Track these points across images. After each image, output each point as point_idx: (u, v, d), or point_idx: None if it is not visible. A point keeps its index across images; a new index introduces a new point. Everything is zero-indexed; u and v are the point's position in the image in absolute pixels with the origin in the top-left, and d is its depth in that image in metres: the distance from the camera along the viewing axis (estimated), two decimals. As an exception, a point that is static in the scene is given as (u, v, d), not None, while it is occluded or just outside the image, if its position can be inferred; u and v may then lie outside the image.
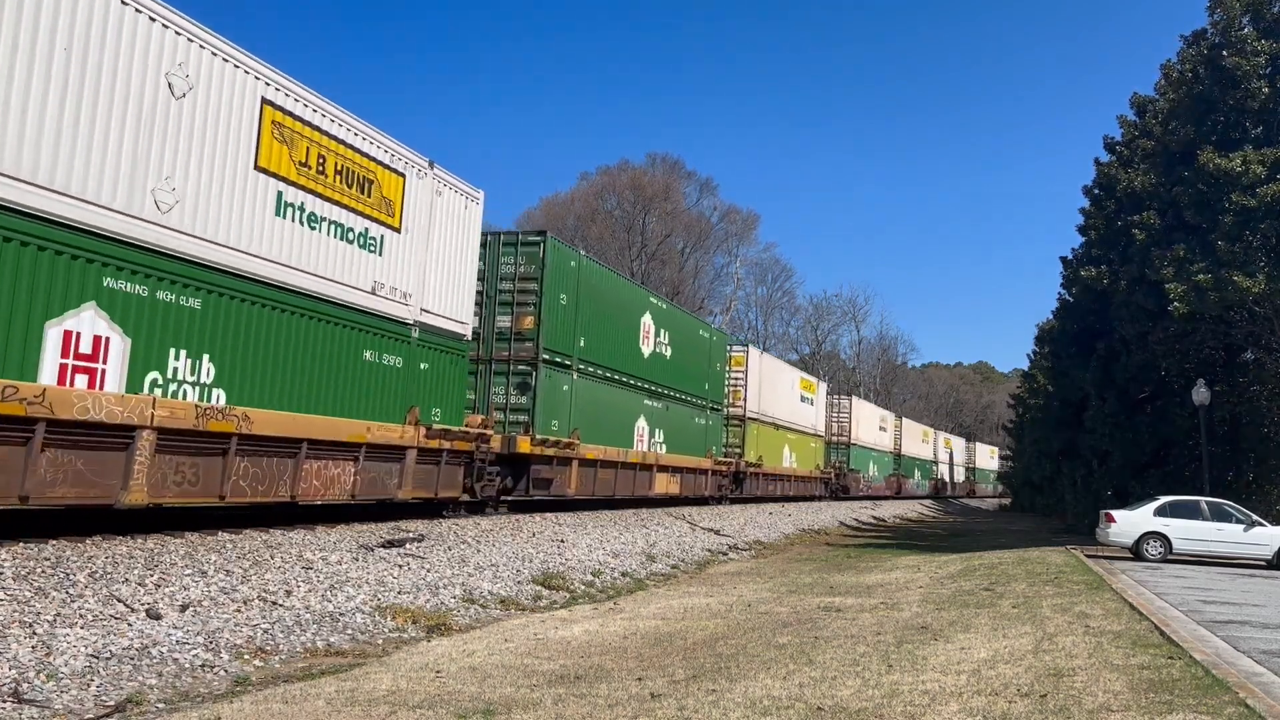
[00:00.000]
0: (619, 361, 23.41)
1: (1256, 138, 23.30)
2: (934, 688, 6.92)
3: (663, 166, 72.73)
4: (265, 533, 12.40)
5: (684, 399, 27.95)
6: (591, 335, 21.76)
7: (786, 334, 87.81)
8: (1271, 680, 7.46)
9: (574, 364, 20.86)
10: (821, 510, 38.75)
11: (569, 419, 20.60)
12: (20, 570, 8.43)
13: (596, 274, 22.69)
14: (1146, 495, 23.42)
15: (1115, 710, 6.18)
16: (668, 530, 22.07)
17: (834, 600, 12.78)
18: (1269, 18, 23.70)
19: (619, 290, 24.05)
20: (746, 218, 77.06)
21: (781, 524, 30.00)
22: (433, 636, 9.78)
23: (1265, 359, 26.36)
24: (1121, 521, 20.93)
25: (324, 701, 6.59)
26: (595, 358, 21.99)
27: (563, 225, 62.67)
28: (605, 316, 22.57)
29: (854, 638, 9.37)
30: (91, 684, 6.80)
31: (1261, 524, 20.40)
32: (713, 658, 8.38)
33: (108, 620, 7.89)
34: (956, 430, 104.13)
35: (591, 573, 15.20)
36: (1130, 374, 28.65)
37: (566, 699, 6.75)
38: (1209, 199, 23.07)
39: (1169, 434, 28.12)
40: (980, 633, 9.50)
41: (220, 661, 7.82)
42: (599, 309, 22.18)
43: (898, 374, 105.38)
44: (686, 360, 28.12)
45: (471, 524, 16.47)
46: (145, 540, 10.66)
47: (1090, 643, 8.74)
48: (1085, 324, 32.75)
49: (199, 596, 9.02)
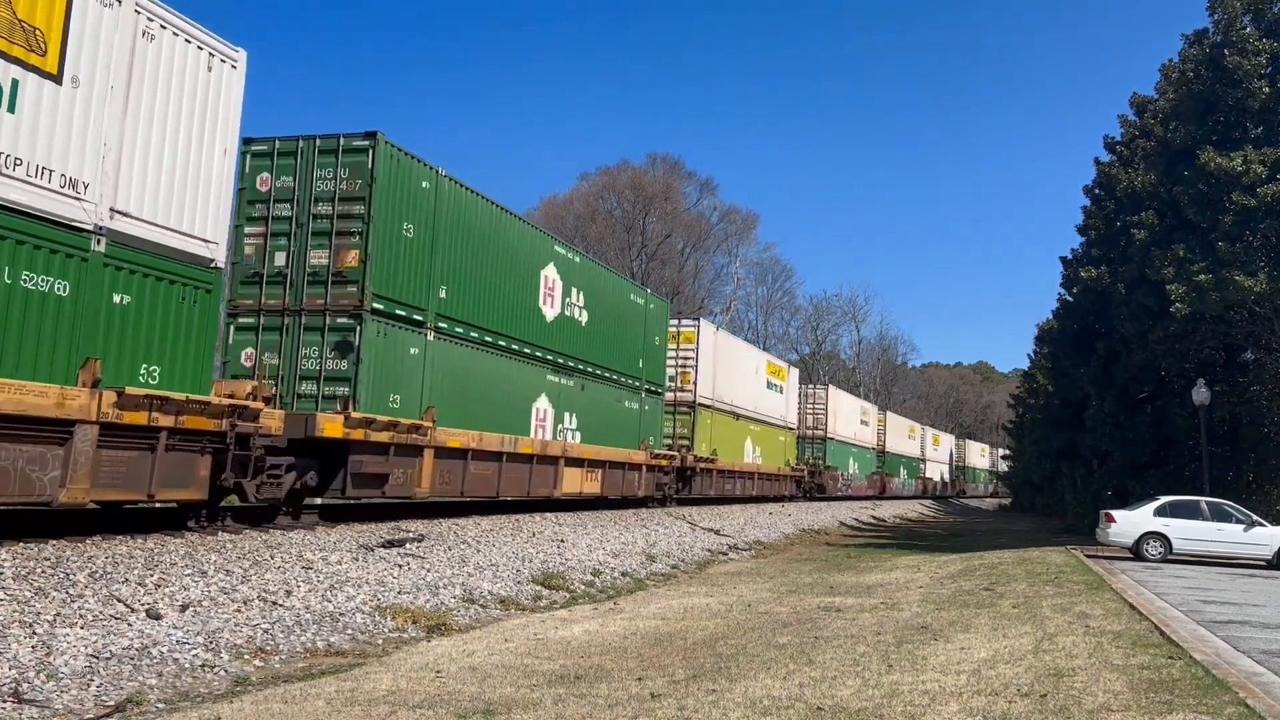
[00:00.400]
0: (507, 323, 18.37)
1: (1257, 137, 23.30)
2: (934, 688, 6.92)
3: (663, 166, 72.78)
4: (265, 532, 12.40)
5: (609, 377, 23.14)
6: (460, 284, 16.72)
7: (786, 334, 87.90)
8: (1271, 680, 7.45)
9: (429, 320, 15.89)
10: (821, 510, 38.72)
11: (421, 394, 15.64)
12: (20, 570, 8.42)
13: (468, 203, 16.99)
14: (1146, 495, 23.41)
15: (1115, 710, 6.18)
16: (668, 530, 22.07)
17: (834, 600, 12.78)
18: (1270, 17, 23.69)
19: (506, 230, 18.38)
20: (746, 218, 77.11)
21: (781, 524, 30.00)
22: (433, 636, 9.78)
23: (1265, 359, 26.36)
24: (1121, 521, 20.93)
25: (324, 701, 6.59)
26: (466, 314, 16.97)
27: (563, 225, 62.66)
28: (484, 262, 17.48)
29: (854, 638, 9.37)
30: (91, 684, 6.80)
31: (1261, 524, 20.40)
32: (713, 658, 8.38)
33: (108, 620, 7.89)
34: (957, 430, 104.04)
35: (591, 572, 15.20)
36: (1130, 374, 28.65)
37: (566, 699, 6.75)
38: (1209, 199, 23.07)
39: (1169, 434, 28.12)
40: (980, 633, 9.50)
41: (220, 661, 7.82)
42: (473, 251, 17.13)
43: (898, 374, 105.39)
44: (612, 330, 23.24)
45: (471, 524, 16.46)
46: (145, 540, 10.66)
47: (1090, 643, 8.74)
48: (1085, 324, 32.76)
49: (199, 596, 9.02)
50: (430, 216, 15.90)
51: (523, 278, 19.10)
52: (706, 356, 30.28)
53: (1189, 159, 23.91)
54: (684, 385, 29.08)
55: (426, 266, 15.85)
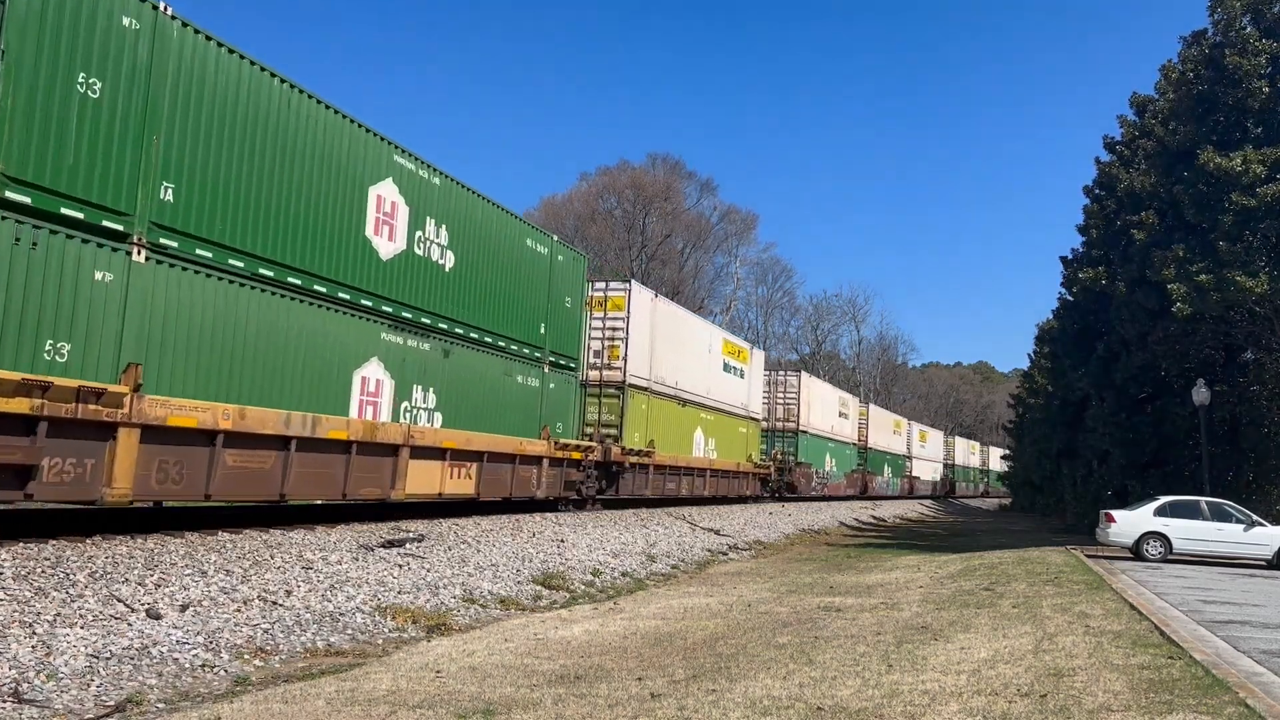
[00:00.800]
0: (305, 253, 13.04)
1: (1257, 138, 23.29)
2: (934, 688, 6.92)
3: (663, 166, 72.85)
4: (265, 532, 12.40)
5: (492, 344, 17.70)
6: (209, 186, 11.47)
7: (786, 334, 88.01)
8: (1271, 680, 7.45)
9: (136, 231, 10.53)
10: (821, 510, 38.70)
11: (118, 344, 10.32)
12: (20, 570, 8.42)
13: (224, 69, 11.72)
14: (1146, 495, 23.41)
15: (1115, 710, 6.18)
16: (668, 530, 22.06)
17: (834, 600, 12.77)
18: (1269, 17, 23.69)
19: (302, 120, 13.05)
20: (746, 218, 77.18)
21: (781, 524, 30.00)
22: (433, 636, 9.78)
23: (1265, 359, 26.35)
24: (1121, 521, 20.92)
25: (324, 701, 6.59)
26: (221, 232, 11.61)
27: (563, 225, 62.67)
28: (257, 159, 12.24)
29: (854, 638, 9.37)
30: (91, 684, 6.80)
31: (1261, 524, 20.40)
32: (713, 657, 8.38)
33: (108, 620, 7.89)
34: (957, 430, 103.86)
35: (591, 572, 15.20)
36: (1130, 374, 28.64)
37: (566, 699, 6.75)
38: (1209, 199, 23.06)
39: (1169, 434, 28.11)
40: (980, 633, 9.50)
41: (220, 661, 7.82)
42: (236, 141, 11.86)
43: (898, 374, 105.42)
44: (496, 283, 17.85)
45: (471, 524, 16.46)
46: (145, 540, 10.66)
47: (1090, 643, 8.74)
48: (1085, 324, 32.75)
49: (199, 596, 9.02)
50: (142, 74, 10.55)
51: (336, 193, 13.66)
52: (641, 328, 24.91)
53: (1189, 159, 23.91)
54: (612, 362, 23.88)
55: (132, 149, 10.47)
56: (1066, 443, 35.68)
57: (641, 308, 25.18)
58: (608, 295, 24.42)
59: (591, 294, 23.76)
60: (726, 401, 32.60)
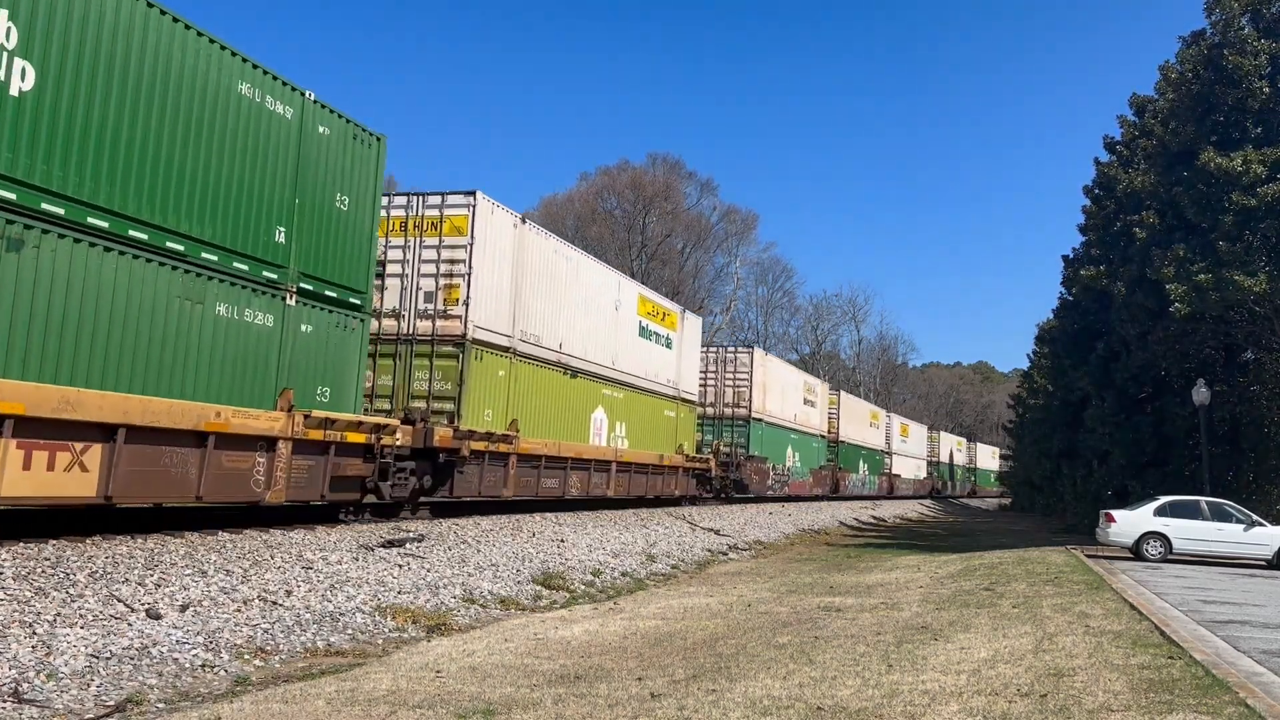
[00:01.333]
0: None
1: (1257, 137, 23.30)
2: (934, 688, 6.92)
3: (663, 166, 72.85)
4: (265, 532, 12.40)
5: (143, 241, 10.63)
6: None
7: (786, 334, 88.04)
8: (1272, 680, 7.45)
9: None
10: (821, 510, 38.70)
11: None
12: (20, 570, 8.43)
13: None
14: (1146, 495, 23.41)
15: (1115, 710, 6.18)
16: (668, 530, 22.06)
17: (834, 600, 12.77)
18: (1268, 17, 23.70)
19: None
20: (746, 218, 77.18)
21: (781, 524, 29.99)
22: (433, 636, 9.78)
23: (1265, 359, 26.36)
24: (1121, 521, 20.92)
25: (324, 701, 6.59)
26: None
27: (563, 225, 62.67)
28: None
29: (854, 637, 9.37)
30: (91, 684, 6.80)
31: (1261, 524, 20.40)
32: (713, 657, 8.38)
33: (108, 620, 7.89)
34: (957, 430, 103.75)
35: (591, 572, 15.20)
36: (1130, 374, 28.65)
37: (566, 699, 6.75)
38: (1209, 199, 23.07)
39: (1169, 434, 28.12)
40: (980, 632, 9.50)
41: (220, 661, 7.82)
42: None
43: (898, 374, 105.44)
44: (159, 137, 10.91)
45: (471, 524, 16.46)
46: (145, 540, 10.66)
47: (1090, 642, 8.74)
48: (1085, 324, 32.77)
49: (199, 596, 9.02)
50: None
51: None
52: (497, 262, 18.01)
53: (1189, 159, 23.92)
54: (448, 308, 17.22)
55: None
56: (1066, 443, 35.68)
57: (497, 234, 18.06)
58: (444, 213, 17.39)
59: (422, 211, 17.56)
60: (644, 376, 25.75)
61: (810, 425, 43.92)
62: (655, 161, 73.37)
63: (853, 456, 52.58)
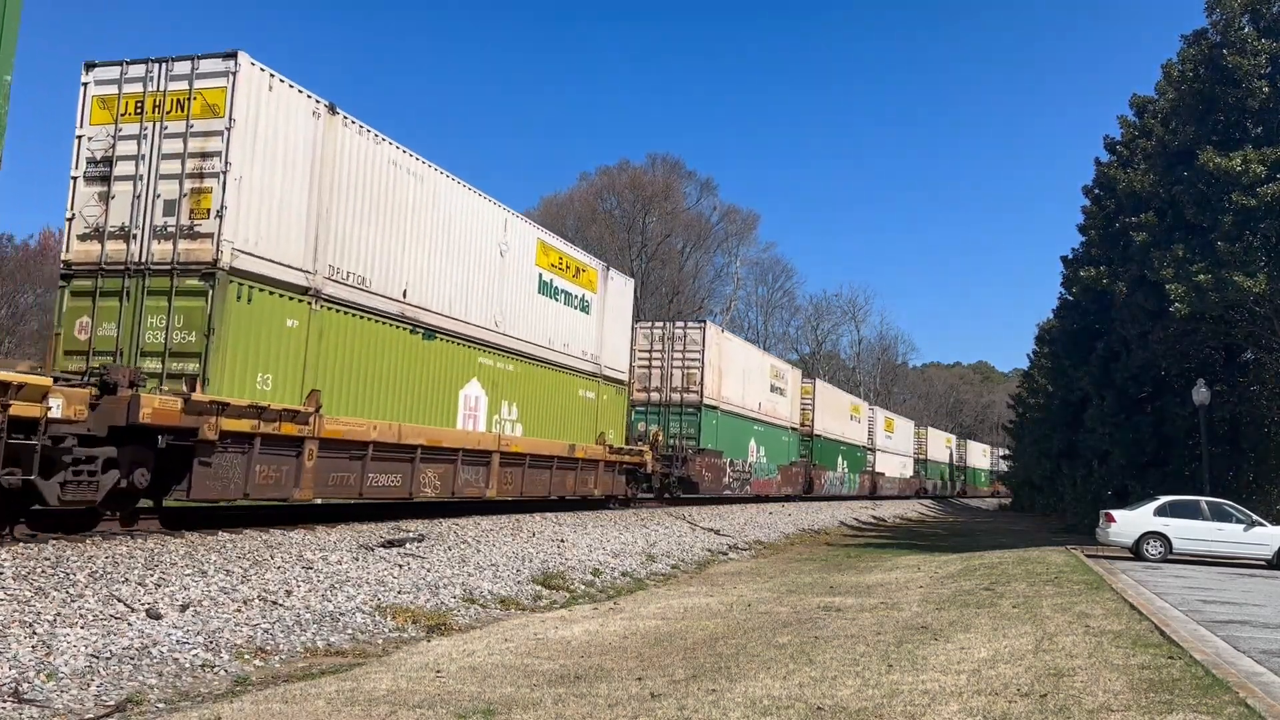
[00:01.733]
0: None
1: (1257, 137, 23.30)
2: (934, 687, 6.92)
3: (663, 166, 72.84)
4: (265, 532, 12.40)
5: None
6: None
7: (786, 334, 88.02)
8: (1272, 680, 7.45)
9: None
10: (821, 510, 38.71)
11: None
12: (20, 570, 8.43)
13: None
14: (1146, 495, 23.40)
15: (1115, 710, 6.18)
16: (668, 530, 22.07)
17: (834, 600, 12.78)
18: (1268, 17, 23.70)
19: None
20: (746, 218, 77.18)
21: (782, 524, 30.00)
22: (433, 636, 9.78)
23: (1265, 359, 26.36)
24: (1121, 521, 20.92)
25: (324, 701, 6.59)
26: None
27: (563, 225, 62.69)
28: None
29: (854, 637, 9.37)
30: (91, 684, 6.80)
31: (1261, 524, 20.40)
32: (713, 657, 8.38)
33: (108, 620, 7.89)
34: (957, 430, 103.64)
35: (591, 572, 15.20)
36: (1130, 374, 28.66)
37: (566, 699, 6.75)
38: (1209, 199, 23.07)
39: (1169, 434, 28.13)
40: (980, 632, 9.50)
41: (220, 661, 7.82)
42: None
43: (898, 374, 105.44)
44: None
45: (471, 524, 16.45)
46: (145, 540, 10.66)
47: (1090, 642, 8.74)
48: (1085, 324, 32.79)
49: (199, 596, 9.02)
50: None
51: None
52: (272, 159, 12.83)
53: (1189, 159, 23.92)
54: (196, 223, 12.10)
55: None
56: (1066, 443, 35.69)
57: (281, 120, 12.97)
58: (193, 88, 12.34)
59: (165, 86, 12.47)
60: (548, 345, 20.53)
61: (778, 416, 38.48)
62: (655, 161, 73.45)
63: (830, 452, 47.19)
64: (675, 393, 30.01)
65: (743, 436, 34.00)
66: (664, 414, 29.86)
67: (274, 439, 12.63)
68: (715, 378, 30.89)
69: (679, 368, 30.12)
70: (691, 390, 30.01)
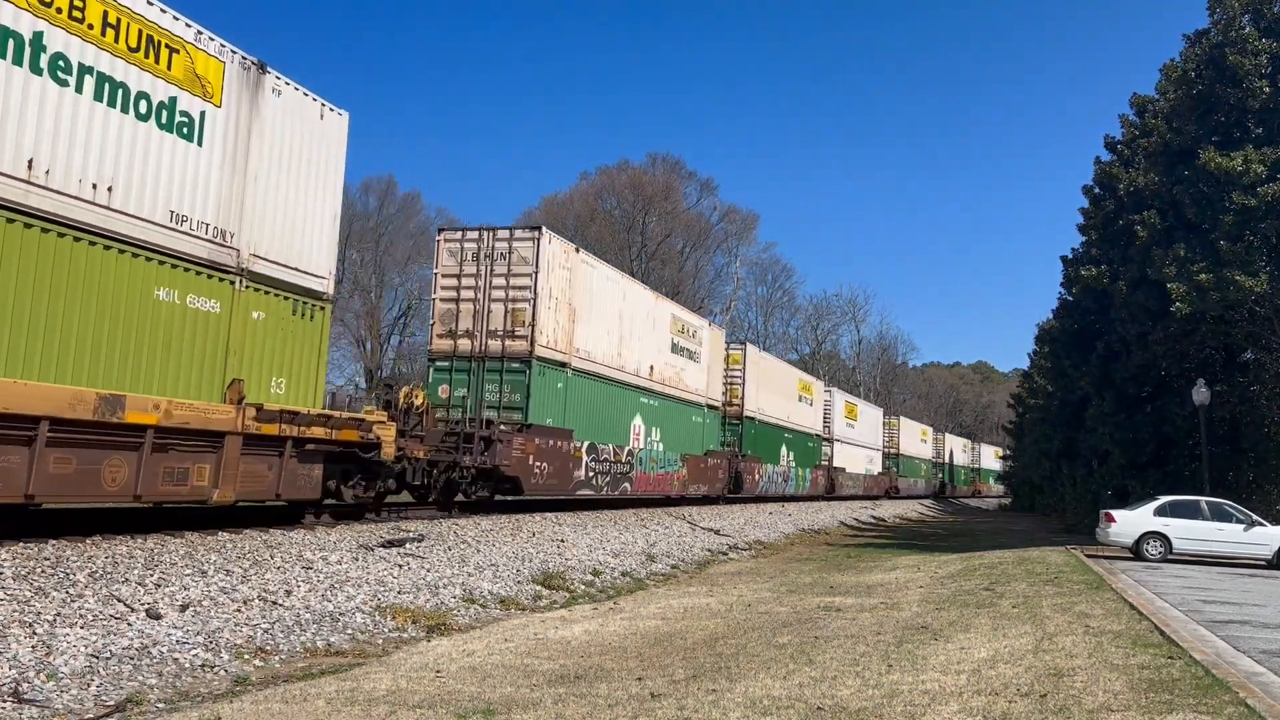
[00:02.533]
0: None
1: (1257, 137, 23.29)
2: (934, 687, 6.92)
3: (663, 166, 72.87)
4: (265, 532, 12.40)
5: None
6: None
7: (786, 334, 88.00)
8: (1272, 680, 7.45)
9: None
10: (821, 510, 38.72)
11: None
12: (20, 570, 8.43)
13: None
14: (1146, 495, 23.40)
15: (1115, 710, 6.18)
16: (668, 530, 22.07)
17: (834, 600, 12.77)
18: (1269, 17, 23.69)
19: None
20: (746, 218, 77.17)
21: (782, 524, 30.01)
22: (433, 636, 9.78)
23: (1265, 359, 26.34)
24: (1121, 521, 20.92)
25: (324, 701, 6.59)
26: None
27: (563, 225, 62.71)
28: None
29: (854, 637, 9.37)
30: (91, 684, 6.80)
31: (1261, 524, 20.39)
32: (713, 657, 8.38)
33: (108, 620, 7.89)
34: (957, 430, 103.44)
35: (591, 572, 15.20)
36: (1130, 374, 28.65)
37: (566, 699, 6.75)
38: (1210, 198, 23.07)
39: (1169, 434, 28.12)
40: (980, 632, 9.50)
41: (220, 661, 7.82)
42: None
43: (898, 374, 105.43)
44: None
45: (471, 524, 16.46)
46: (145, 540, 10.66)
47: (1090, 642, 8.74)
48: (1085, 324, 32.76)
49: (199, 596, 9.02)
50: None
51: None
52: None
53: (1190, 159, 23.91)
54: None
55: None
56: (1066, 443, 35.68)
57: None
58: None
59: None
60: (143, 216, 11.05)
61: (685, 388, 28.64)
62: (655, 161, 73.47)
63: (768, 441, 37.75)
64: (496, 339, 20.05)
65: (619, 412, 24.06)
66: (476, 374, 19.91)
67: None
68: (557, 317, 20.83)
69: (502, 301, 20.11)
70: (518, 335, 19.93)
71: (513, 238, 20.40)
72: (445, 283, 20.69)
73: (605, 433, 23.41)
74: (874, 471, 58.02)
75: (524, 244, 20.31)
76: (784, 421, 40.24)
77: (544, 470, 20.05)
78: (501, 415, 19.46)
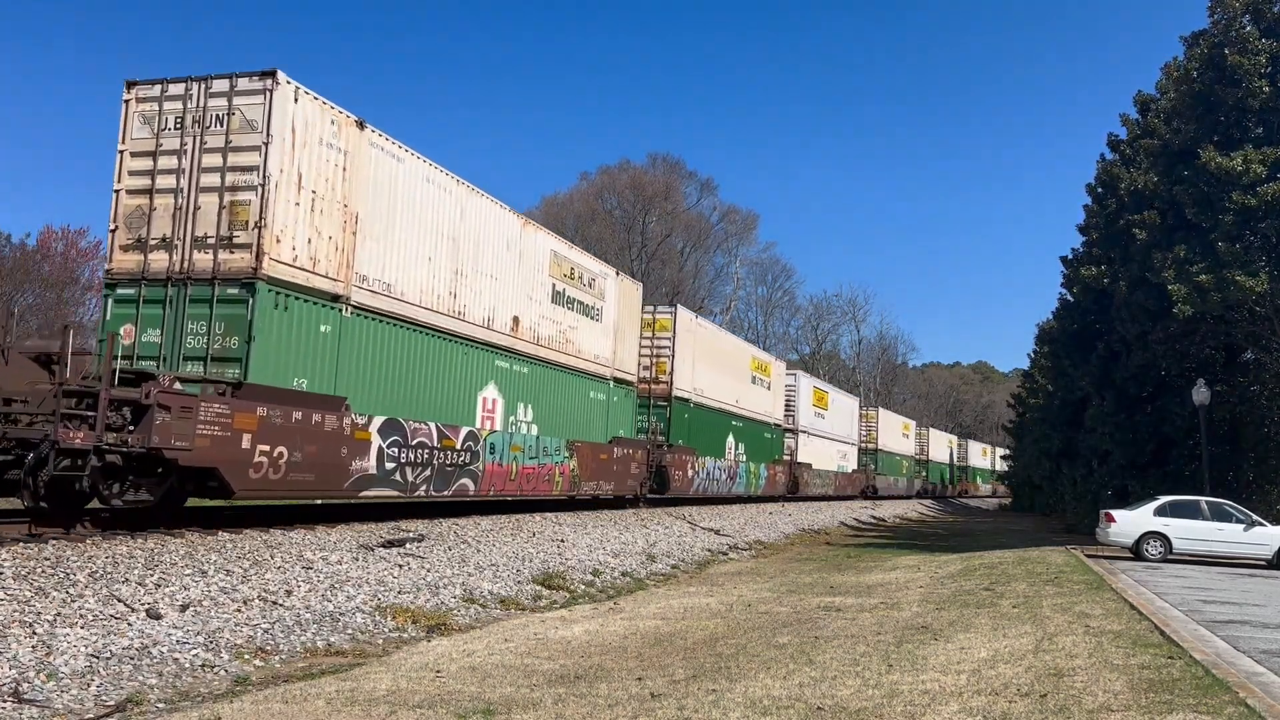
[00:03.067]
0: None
1: (1257, 137, 23.29)
2: (934, 687, 6.92)
3: (663, 166, 72.89)
4: (265, 532, 12.40)
5: None
6: None
7: (786, 334, 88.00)
8: (1271, 680, 7.45)
9: None
10: (821, 510, 38.72)
11: None
12: (20, 570, 8.43)
13: None
14: (1146, 495, 23.40)
15: (1115, 710, 6.18)
16: (668, 530, 22.07)
17: (834, 600, 12.77)
18: (1269, 17, 23.69)
19: None
20: (746, 218, 77.21)
21: (782, 524, 30.01)
22: (433, 636, 9.78)
23: (1265, 359, 26.34)
24: (1121, 521, 20.92)
25: (324, 701, 6.59)
26: None
27: (563, 225, 62.71)
28: None
29: (854, 637, 9.37)
30: (91, 684, 6.80)
31: (1261, 524, 20.40)
32: (713, 657, 8.38)
33: (108, 620, 7.89)
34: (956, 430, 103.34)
35: (591, 572, 15.20)
36: (1130, 374, 28.65)
37: (566, 699, 6.75)
38: (1210, 198, 23.06)
39: (1169, 434, 28.12)
40: (980, 632, 9.50)
41: (220, 661, 7.82)
42: None
43: (898, 374, 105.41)
44: None
45: (471, 524, 16.46)
46: (145, 540, 10.66)
47: (1090, 642, 8.74)
48: (1085, 324, 32.76)
49: (199, 596, 9.02)
50: None
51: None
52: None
53: (1190, 158, 23.91)
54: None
55: None
56: (1066, 443, 35.68)
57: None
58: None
59: None
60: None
61: (578, 354, 22.15)
62: (655, 161, 73.50)
63: (708, 429, 30.71)
64: (205, 250, 13.09)
65: (452, 377, 17.16)
66: (177, 305, 13.07)
67: None
68: (325, 224, 13.98)
69: (215, 190, 13.17)
70: (238, 243, 12.98)
71: (234, 90, 13.22)
72: (135, 165, 13.59)
73: (424, 406, 16.21)
74: (847, 469, 51.06)
75: (250, 100, 13.18)
76: (731, 406, 32.89)
77: (281, 458, 12.73)
78: (212, 371, 12.61)
